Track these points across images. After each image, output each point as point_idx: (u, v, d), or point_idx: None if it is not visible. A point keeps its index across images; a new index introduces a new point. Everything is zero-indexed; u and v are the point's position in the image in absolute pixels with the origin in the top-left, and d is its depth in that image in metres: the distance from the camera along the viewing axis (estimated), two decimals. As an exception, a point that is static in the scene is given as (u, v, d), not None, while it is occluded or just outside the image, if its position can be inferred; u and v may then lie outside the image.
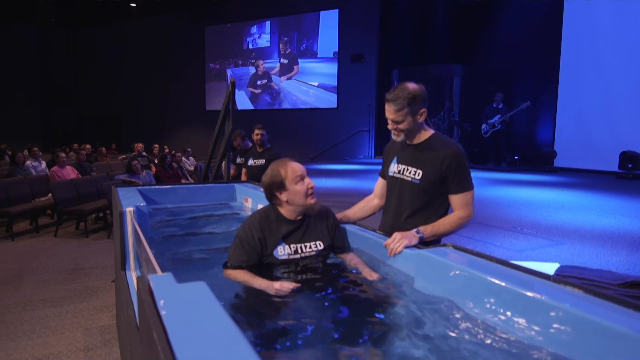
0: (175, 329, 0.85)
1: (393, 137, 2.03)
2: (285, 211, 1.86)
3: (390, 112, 1.96)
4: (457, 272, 1.49)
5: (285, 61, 17.01)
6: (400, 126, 1.95)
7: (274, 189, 1.84)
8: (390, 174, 2.10)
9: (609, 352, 1.07)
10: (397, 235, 1.81)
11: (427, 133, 2.01)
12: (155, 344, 0.81)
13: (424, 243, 1.84)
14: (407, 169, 2.01)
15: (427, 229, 1.86)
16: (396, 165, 2.07)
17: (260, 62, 17.52)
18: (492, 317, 1.34)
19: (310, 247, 1.86)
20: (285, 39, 16.97)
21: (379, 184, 2.24)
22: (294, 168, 1.82)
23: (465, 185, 1.93)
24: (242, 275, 1.72)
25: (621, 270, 3.26)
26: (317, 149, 15.09)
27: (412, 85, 1.93)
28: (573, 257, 3.89)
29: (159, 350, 0.78)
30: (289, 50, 16.95)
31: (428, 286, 1.59)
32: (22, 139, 16.52)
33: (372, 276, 1.73)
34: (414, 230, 1.83)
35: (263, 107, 17.54)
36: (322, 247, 1.88)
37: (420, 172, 1.96)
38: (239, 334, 0.83)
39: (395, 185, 2.07)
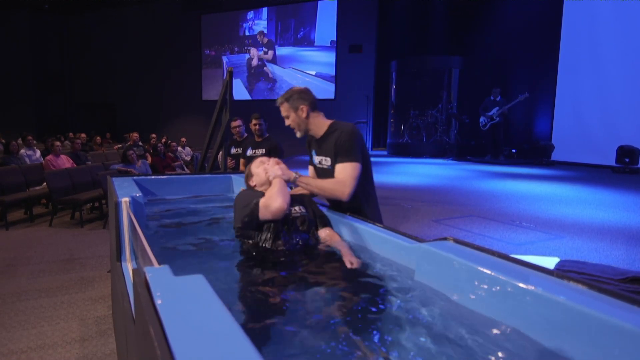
0: (172, 323, 0.82)
1: (296, 134, 2.37)
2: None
3: (280, 109, 2.29)
4: (458, 265, 1.47)
5: (266, 49, 17.33)
6: (287, 122, 2.28)
7: (246, 181, 2.25)
8: (315, 164, 2.40)
9: (613, 349, 1.05)
10: (274, 164, 2.07)
11: (326, 124, 2.28)
12: (152, 338, 0.78)
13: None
14: (323, 159, 2.30)
15: (304, 179, 2.13)
16: (316, 157, 2.37)
17: (253, 50, 17.51)
18: (493, 312, 1.32)
19: (295, 210, 2.04)
20: (264, 30, 17.38)
21: (310, 172, 2.52)
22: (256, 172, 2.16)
23: (348, 157, 2.12)
24: (272, 189, 1.95)
25: (621, 265, 3.26)
26: (313, 140, 15.05)
27: (295, 87, 2.31)
28: (572, 251, 3.89)
29: (155, 346, 0.75)
30: (266, 40, 17.29)
31: (428, 280, 1.57)
32: (15, 127, 16.36)
33: (353, 263, 1.73)
34: (294, 174, 2.08)
35: (259, 97, 17.44)
36: (304, 210, 2.06)
37: (328, 159, 2.24)
38: (238, 328, 0.81)
39: (320, 174, 2.35)
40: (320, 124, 2.28)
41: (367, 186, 2.27)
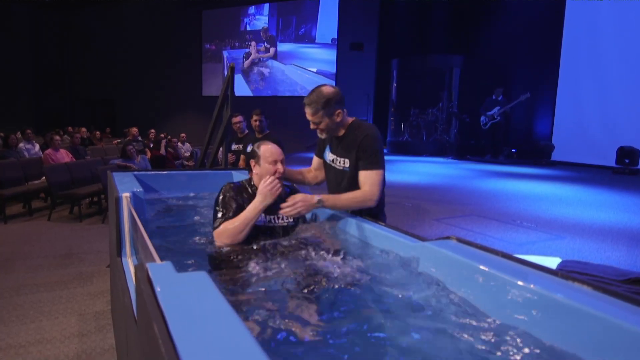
0: (176, 320, 0.81)
1: (318, 134, 2.24)
2: (258, 183, 2.05)
3: (308, 114, 2.14)
4: (462, 265, 1.46)
5: (268, 45, 17.36)
6: (320, 127, 2.15)
7: (252, 158, 2.13)
8: (327, 160, 2.32)
9: (618, 350, 1.04)
10: (298, 199, 1.94)
11: (348, 122, 2.18)
12: (156, 335, 0.77)
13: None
14: (337, 160, 2.22)
15: (329, 200, 2.02)
16: (329, 153, 2.29)
17: (253, 43, 17.47)
18: (497, 312, 1.31)
19: (282, 219, 2.03)
20: (266, 26, 17.36)
21: (315, 161, 2.47)
22: (272, 151, 2.06)
23: (371, 164, 2.07)
24: (232, 223, 1.89)
25: (622, 266, 3.25)
26: (314, 137, 14.92)
27: (326, 89, 2.12)
28: (574, 252, 3.89)
29: (159, 344, 0.74)
30: (269, 34, 17.27)
31: (431, 278, 1.56)
32: (14, 122, 16.30)
33: (334, 245, 1.83)
34: (316, 198, 1.97)
35: (259, 93, 17.41)
36: (292, 221, 2.05)
37: (347, 160, 2.16)
38: (242, 326, 0.80)
39: (331, 171, 2.29)
40: (343, 124, 2.19)
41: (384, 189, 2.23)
